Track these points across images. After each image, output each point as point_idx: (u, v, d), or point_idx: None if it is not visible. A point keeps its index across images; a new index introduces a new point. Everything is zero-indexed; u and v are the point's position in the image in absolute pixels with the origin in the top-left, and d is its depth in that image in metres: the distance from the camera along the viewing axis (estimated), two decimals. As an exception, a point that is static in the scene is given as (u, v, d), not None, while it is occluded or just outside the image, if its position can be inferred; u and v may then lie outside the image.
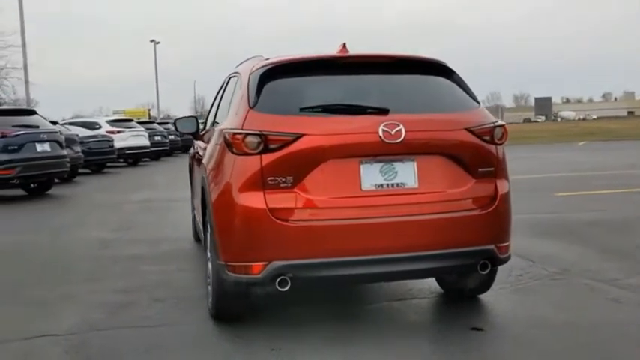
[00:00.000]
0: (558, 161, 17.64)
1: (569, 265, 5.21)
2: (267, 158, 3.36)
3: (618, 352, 3.37)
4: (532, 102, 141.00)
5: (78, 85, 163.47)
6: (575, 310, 4.07)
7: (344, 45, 4.11)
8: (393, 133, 3.40)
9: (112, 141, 18.76)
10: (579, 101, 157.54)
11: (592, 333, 3.64)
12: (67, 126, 17.65)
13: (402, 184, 3.48)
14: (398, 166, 3.48)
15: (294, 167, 3.37)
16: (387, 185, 3.46)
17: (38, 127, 11.67)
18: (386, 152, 3.44)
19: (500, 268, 5.04)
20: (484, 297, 4.32)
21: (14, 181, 11.30)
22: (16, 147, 10.90)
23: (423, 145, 3.52)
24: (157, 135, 23.87)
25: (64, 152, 12.19)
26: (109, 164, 19.56)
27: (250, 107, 3.55)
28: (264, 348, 3.49)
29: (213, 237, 3.68)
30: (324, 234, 3.37)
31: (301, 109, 3.51)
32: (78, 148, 15.30)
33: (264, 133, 3.38)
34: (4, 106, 17.80)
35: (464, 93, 3.84)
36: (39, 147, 11.33)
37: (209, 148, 4.13)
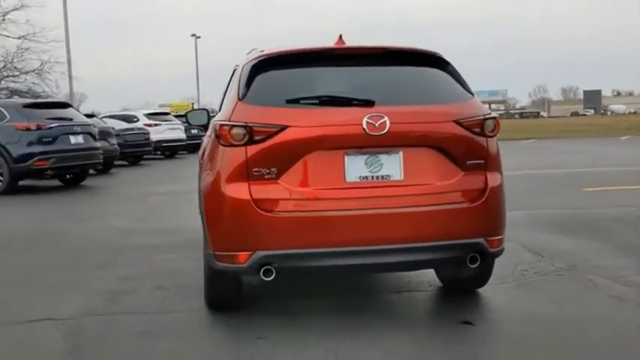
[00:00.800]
0: (597, 155, 17.20)
1: (580, 261, 5.09)
2: (252, 149, 3.40)
3: (605, 351, 3.29)
4: (581, 95, 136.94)
5: (127, 79, 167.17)
6: (573, 307, 3.98)
7: (340, 37, 4.12)
8: (377, 125, 3.39)
9: (148, 134, 19.16)
10: (630, 94, 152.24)
11: (584, 330, 3.56)
12: (103, 119, 18.12)
13: (387, 176, 3.47)
14: (383, 158, 3.47)
15: (278, 159, 3.40)
16: (372, 177, 3.46)
17: (72, 119, 12.03)
18: (371, 144, 3.43)
19: (505, 263, 5.00)
20: (482, 291, 4.27)
21: (49, 172, 11.69)
22: (50, 139, 11.25)
23: (410, 137, 3.49)
24: (194, 128, 24.20)
25: (97, 144, 12.52)
26: (145, 156, 19.98)
27: (239, 99, 3.60)
28: (251, 337, 3.55)
29: (203, 226, 3.75)
30: (307, 225, 3.39)
31: (287, 101, 3.54)
32: (113, 141, 15.71)
33: (249, 124, 3.42)
34: (40, 99, 18.31)
35: (457, 84, 3.79)
36: (72, 139, 11.68)
37: (205, 139, 4.20)
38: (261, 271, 3.40)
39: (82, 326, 3.82)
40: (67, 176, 12.79)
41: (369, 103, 3.48)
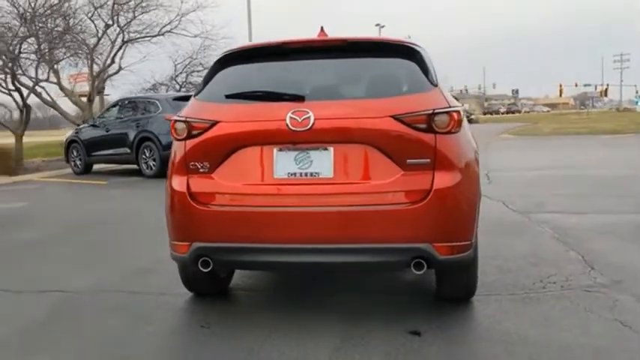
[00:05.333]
0: None
1: (631, 277, 4.36)
2: (190, 144, 3.53)
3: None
4: None
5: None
6: (556, 328, 3.44)
7: (322, 29, 4.04)
8: (300, 120, 3.29)
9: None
10: None
11: (538, 355, 3.10)
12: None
13: (316, 173, 3.35)
14: (313, 154, 3.36)
15: (210, 153, 3.48)
16: (301, 174, 3.37)
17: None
18: (299, 140, 3.34)
19: (537, 274, 4.54)
20: (472, 301, 3.91)
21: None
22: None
23: (340, 134, 3.32)
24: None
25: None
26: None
27: (194, 96, 3.76)
28: (196, 324, 3.71)
29: (166, 216, 3.96)
30: (237, 219, 3.42)
31: (226, 97, 3.58)
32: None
33: (188, 119, 3.54)
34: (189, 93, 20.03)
35: (419, 75, 3.48)
36: (213, 129, 12.72)
37: None
38: (199, 262, 3.52)
39: (78, 299, 4.28)
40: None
41: (298, 98, 3.38)
